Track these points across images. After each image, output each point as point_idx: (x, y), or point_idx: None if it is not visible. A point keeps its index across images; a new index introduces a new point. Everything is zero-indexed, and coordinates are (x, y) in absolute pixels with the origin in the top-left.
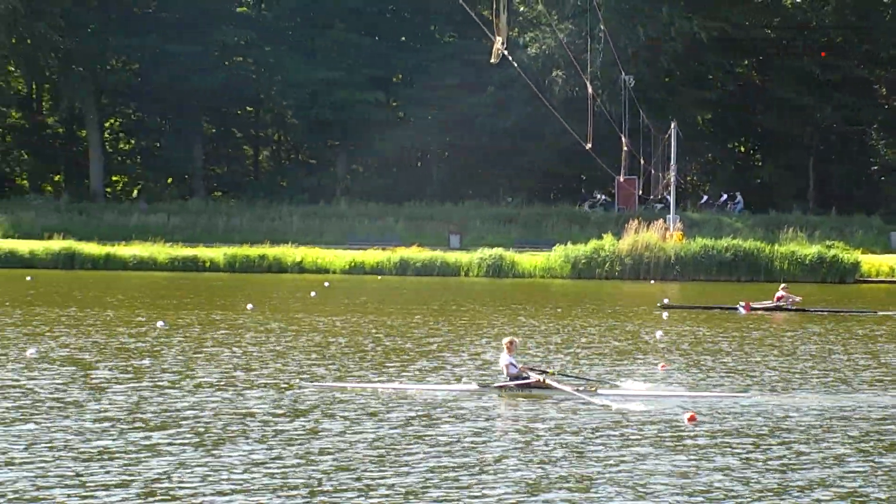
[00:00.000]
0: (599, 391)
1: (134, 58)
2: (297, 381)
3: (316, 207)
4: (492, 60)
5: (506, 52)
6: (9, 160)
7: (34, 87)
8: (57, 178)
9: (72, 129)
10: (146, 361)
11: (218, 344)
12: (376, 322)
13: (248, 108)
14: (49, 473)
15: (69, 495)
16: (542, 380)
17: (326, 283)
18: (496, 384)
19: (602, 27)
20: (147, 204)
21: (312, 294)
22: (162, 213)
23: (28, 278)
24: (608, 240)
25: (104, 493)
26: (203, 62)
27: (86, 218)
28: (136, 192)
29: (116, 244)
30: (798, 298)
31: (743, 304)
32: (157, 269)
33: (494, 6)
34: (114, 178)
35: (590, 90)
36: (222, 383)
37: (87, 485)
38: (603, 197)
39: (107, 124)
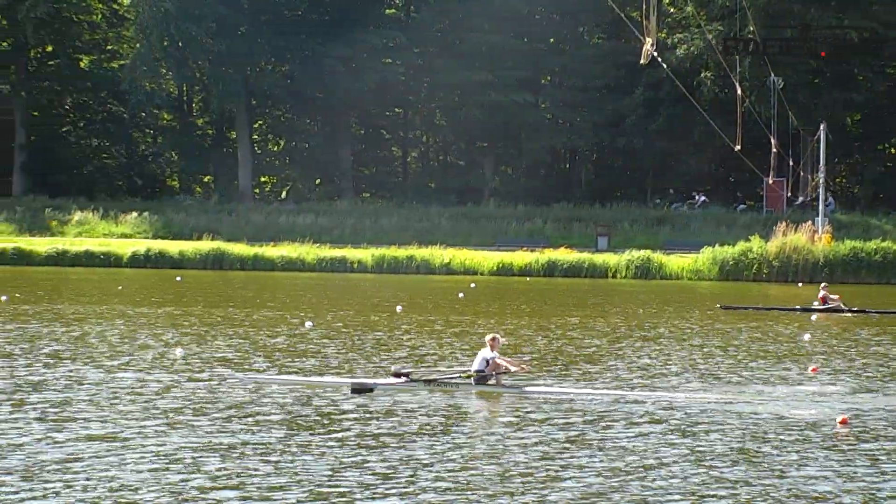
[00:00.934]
0: (526, 388)
1: (283, 60)
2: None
3: (464, 209)
4: (641, 62)
5: (655, 54)
6: (160, 161)
7: (185, 89)
8: (206, 178)
9: (222, 131)
10: (306, 361)
11: (372, 343)
12: (530, 323)
13: (397, 110)
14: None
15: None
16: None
17: (473, 285)
18: (428, 378)
19: (751, 28)
20: (295, 204)
21: (460, 295)
22: (310, 214)
23: (178, 279)
24: (756, 242)
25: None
26: (352, 64)
27: (234, 218)
28: (284, 193)
29: (264, 245)
30: (836, 297)
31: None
32: (305, 269)
33: (644, 8)
34: (262, 179)
35: (738, 91)
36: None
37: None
38: (702, 198)
39: (256, 125)
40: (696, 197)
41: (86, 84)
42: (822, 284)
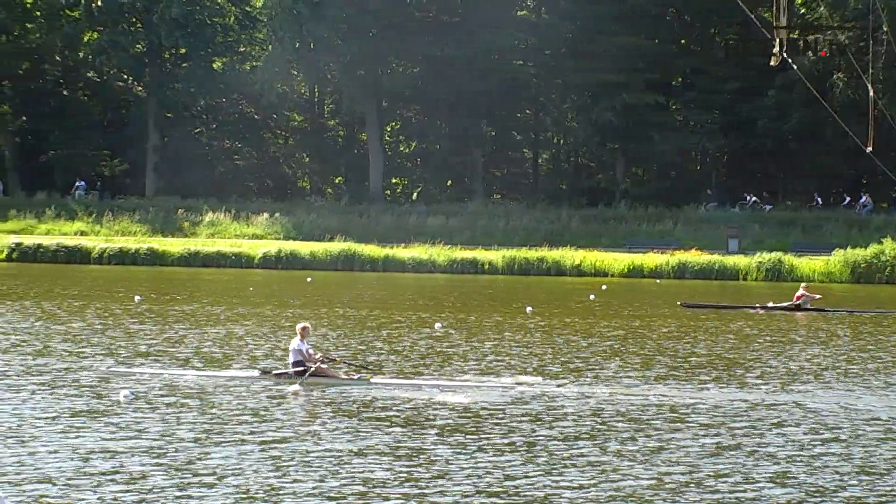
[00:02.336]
0: (373, 380)
1: (414, 61)
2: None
3: (595, 210)
4: (772, 64)
5: (786, 55)
6: (291, 162)
7: (316, 90)
8: (337, 180)
9: (353, 132)
10: (435, 361)
11: (497, 343)
12: (653, 326)
13: (528, 111)
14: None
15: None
16: (316, 368)
17: (604, 286)
18: (276, 372)
19: (885, 28)
20: (426, 206)
21: (591, 297)
22: (441, 216)
23: (308, 279)
24: (888, 244)
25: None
26: (483, 65)
27: (365, 220)
28: (415, 194)
29: (395, 246)
30: (817, 297)
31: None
32: (436, 270)
33: (775, 9)
34: (393, 181)
35: (871, 93)
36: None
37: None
38: (754, 199)
39: (387, 127)
40: (748, 198)
41: (218, 86)
42: (803, 285)
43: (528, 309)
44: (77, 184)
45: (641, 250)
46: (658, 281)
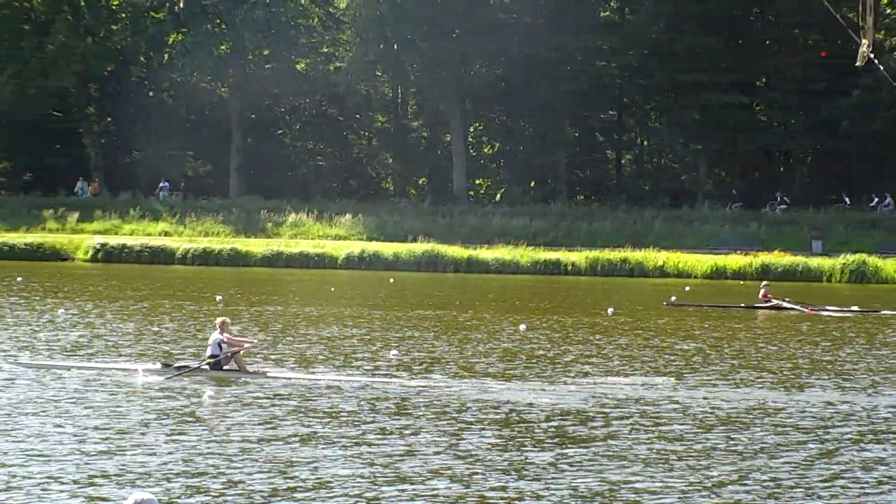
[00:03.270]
0: (269, 373)
1: (497, 62)
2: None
3: (678, 211)
4: (857, 64)
5: (872, 56)
6: (374, 163)
7: (400, 91)
8: (421, 180)
9: (436, 133)
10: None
11: (580, 344)
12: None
13: (611, 112)
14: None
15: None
16: (223, 360)
17: (687, 288)
18: (177, 365)
19: None
20: (510, 207)
21: (672, 298)
22: (524, 217)
23: (391, 280)
24: None
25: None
26: (566, 66)
27: (448, 220)
28: (499, 195)
29: (478, 247)
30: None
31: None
32: (520, 272)
33: (861, 9)
34: (476, 182)
35: None
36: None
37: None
38: (783, 198)
39: (470, 128)
40: (778, 197)
41: (302, 87)
42: (764, 283)
43: (610, 310)
44: (161, 184)
45: (724, 252)
46: (742, 282)
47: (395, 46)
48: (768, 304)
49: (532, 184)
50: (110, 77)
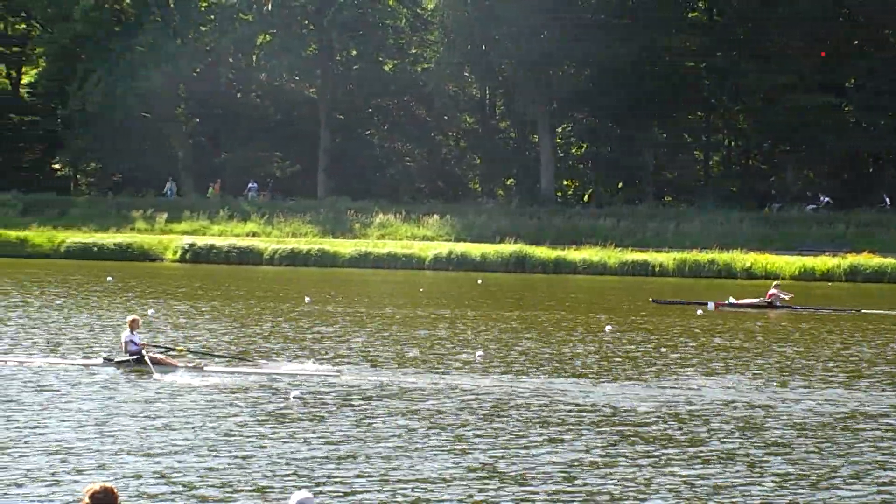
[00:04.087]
0: (206, 368)
1: (585, 63)
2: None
3: (766, 213)
4: None
5: None
6: (462, 164)
7: (487, 92)
8: (508, 181)
9: (524, 134)
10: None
11: (666, 346)
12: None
13: (699, 113)
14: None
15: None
16: (149, 356)
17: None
18: (118, 359)
19: None
20: (598, 208)
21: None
22: (612, 218)
23: (479, 281)
24: None
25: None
26: (654, 67)
27: (536, 221)
28: (586, 196)
29: (566, 248)
30: (788, 296)
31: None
32: (607, 273)
33: None
34: (564, 183)
35: None
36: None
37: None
38: (826, 199)
39: (558, 129)
40: (823, 199)
41: (389, 88)
42: (776, 283)
43: (700, 311)
44: (249, 185)
45: (813, 253)
46: (829, 284)
47: (483, 47)
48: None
49: (619, 185)
50: (199, 78)
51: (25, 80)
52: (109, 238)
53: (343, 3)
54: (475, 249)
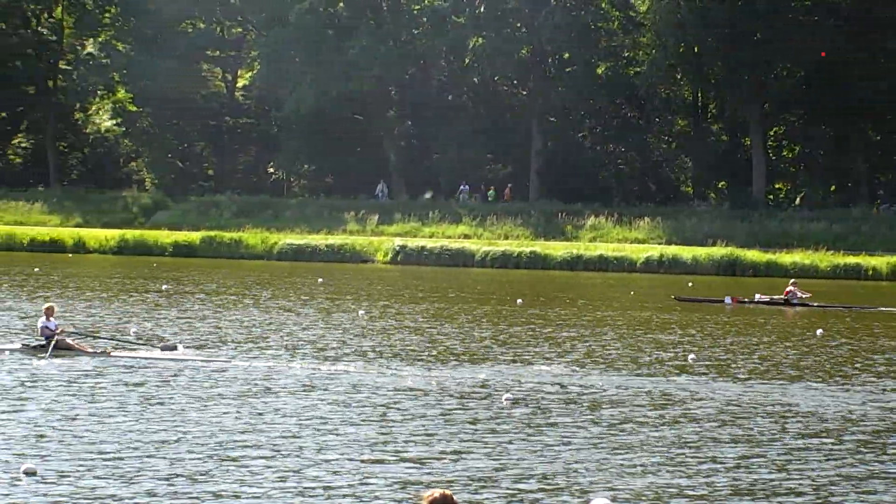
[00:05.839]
0: (112, 353)
1: (799, 65)
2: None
3: None
4: None
5: None
6: (673, 167)
7: (700, 95)
8: (720, 184)
9: (736, 137)
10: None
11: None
12: None
13: None
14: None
15: None
16: (59, 341)
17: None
18: (32, 344)
19: None
20: (810, 211)
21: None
22: (824, 221)
23: (689, 284)
24: None
25: None
26: (870, 68)
27: (747, 225)
28: (798, 199)
29: (777, 251)
30: (806, 294)
31: (730, 298)
32: (819, 276)
33: None
34: (776, 186)
35: None
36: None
37: None
38: None
39: (770, 132)
40: None
41: (601, 90)
42: (792, 281)
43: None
44: (461, 187)
45: None
46: None
47: (695, 49)
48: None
49: (832, 188)
50: (411, 80)
51: (240, 83)
52: (321, 240)
53: (555, 5)
54: (686, 252)
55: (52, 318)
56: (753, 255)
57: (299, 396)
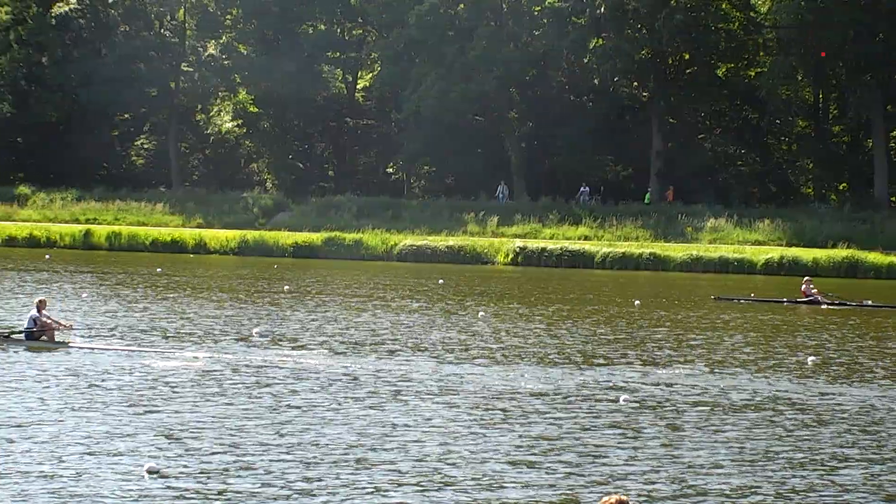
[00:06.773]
0: (71, 345)
1: None
2: None
3: None
4: None
5: None
6: (794, 168)
7: (821, 96)
8: (841, 186)
9: (857, 138)
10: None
11: None
12: None
13: None
14: None
15: None
16: (37, 333)
17: None
18: (5, 334)
19: None
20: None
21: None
22: None
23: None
24: None
25: None
26: None
27: (868, 227)
28: None
29: None
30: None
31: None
32: None
33: None
34: None
35: None
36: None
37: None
38: None
39: (893, 133)
40: None
41: (722, 92)
42: (805, 279)
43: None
44: (581, 189)
45: None
46: None
47: (818, 51)
48: (807, 300)
49: None
50: (531, 81)
51: (361, 84)
52: (442, 241)
53: (676, 6)
54: (806, 254)
55: (42, 312)
56: (875, 256)
57: (433, 399)
